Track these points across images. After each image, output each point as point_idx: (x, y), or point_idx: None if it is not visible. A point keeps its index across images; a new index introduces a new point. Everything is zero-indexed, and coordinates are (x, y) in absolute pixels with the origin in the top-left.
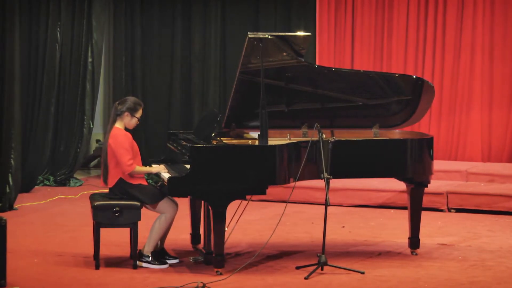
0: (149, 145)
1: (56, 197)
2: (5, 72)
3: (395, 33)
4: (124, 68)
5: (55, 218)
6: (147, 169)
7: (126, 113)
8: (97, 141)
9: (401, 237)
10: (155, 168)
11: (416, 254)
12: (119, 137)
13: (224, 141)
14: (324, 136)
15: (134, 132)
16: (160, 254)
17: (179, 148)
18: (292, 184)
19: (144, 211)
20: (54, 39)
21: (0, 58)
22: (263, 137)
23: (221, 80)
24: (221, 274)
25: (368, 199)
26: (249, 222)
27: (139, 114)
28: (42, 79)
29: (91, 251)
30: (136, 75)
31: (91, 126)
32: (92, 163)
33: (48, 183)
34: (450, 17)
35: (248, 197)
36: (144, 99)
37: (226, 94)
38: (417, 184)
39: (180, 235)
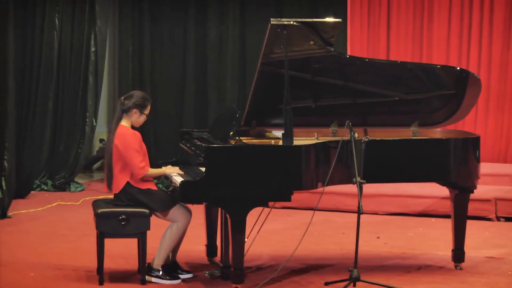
0: (158, 145)
1: (54, 204)
2: None
3: (436, 19)
4: (131, 59)
5: (53, 227)
6: (160, 170)
7: (133, 110)
8: (101, 140)
9: (444, 249)
10: (169, 169)
11: (460, 269)
12: (127, 137)
13: (243, 141)
14: (356, 135)
15: (141, 130)
16: (171, 268)
17: (193, 148)
18: (320, 189)
19: (153, 219)
20: (52, 26)
21: None
22: (288, 136)
23: (240, 73)
24: None
25: (406, 207)
26: (272, 232)
27: (147, 110)
28: (39, 71)
29: (94, 264)
30: (144, 66)
31: (94, 124)
32: (95, 166)
33: (45, 188)
34: (499, 1)
35: (270, 204)
36: (153, 94)
37: (245, 88)
38: (462, 190)
39: (194, 246)
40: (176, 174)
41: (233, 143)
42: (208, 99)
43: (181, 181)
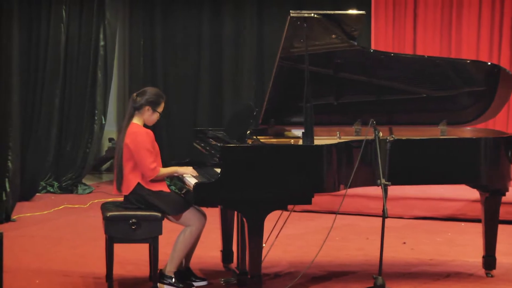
0: (171, 145)
1: (61, 207)
2: (1, 58)
3: (466, 11)
4: (142, 54)
5: (60, 231)
6: (171, 169)
7: (146, 107)
8: (110, 140)
9: (474, 256)
10: (182, 168)
11: (491, 276)
12: (139, 135)
13: (261, 140)
14: (381, 134)
15: (153, 129)
16: (185, 275)
17: (207, 148)
18: (342, 191)
19: (165, 223)
20: (59, 19)
21: None
22: (308, 135)
23: (257, 68)
24: None
25: (433, 210)
26: (291, 237)
27: (161, 108)
28: (45, 67)
29: (103, 270)
30: (156, 61)
31: (103, 122)
32: (104, 166)
33: (51, 190)
34: None
35: (290, 207)
36: (166, 91)
37: (263, 85)
38: (493, 192)
39: (209, 252)
40: (189, 175)
41: (250, 143)
42: (224, 96)
43: (195, 183)
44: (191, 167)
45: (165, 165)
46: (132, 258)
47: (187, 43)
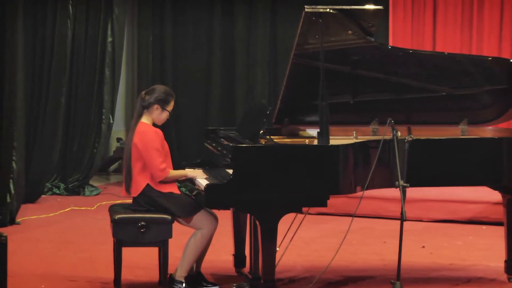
0: (181, 145)
1: (67, 209)
2: (5, 55)
3: (487, 6)
4: (151, 50)
5: (66, 235)
6: (181, 172)
7: (155, 106)
8: (118, 139)
9: (495, 260)
10: (191, 172)
11: None
12: (148, 134)
13: (275, 140)
14: (399, 134)
15: (163, 129)
16: (195, 280)
17: (219, 148)
18: (359, 193)
19: (176, 226)
20: (66, 14)
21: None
22: (324, 135)
23: (270, 65)
24: None
25: (453, 213)
26: (306, 240)
27: (170, 107)
28: (51, 64)
29: (111, 275)
30: (166, 58)
31: (111, 121)
32: (112, 167)
33: (57, 192)
34: None
35: (305, 209)
36: (176, 89)
37: (277, 83)
38: None
39: (221, 256)
40: (202, 177)
41: (263, 143)
42: (236, 95)
43: (206, 184)
44: (201, 170)
45: (175, 165)
46: (141, 262)
47: (198, 40)
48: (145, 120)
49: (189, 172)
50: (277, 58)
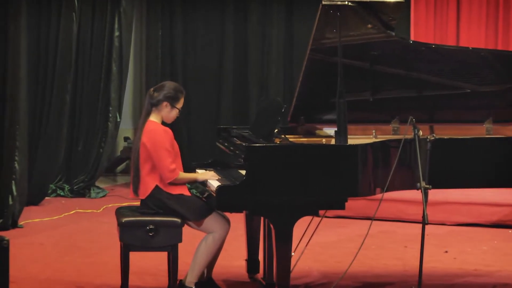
0: (192, 144)
1: (72, 212)
2: (8, 52)
3: None
4: (160, 45)
5: (71, 239)
6: (192, 175)
7: (164, 103)
8: (126, 139)
9: None
10: (203, 174)
11: None
12: (158, 134)
13: (290, 140)
14: (421, 133)
15: (172, 127)
16: (206, 286)
17: (231, 148)
18: (379, 195)
19: (186, 229)
20: (71, 8)
21: (2, 32)
22: (341, 134)
23: (286, 61)
24: None
25: (478, 216)
26: (323, 245)
27: (180, 104)
28: (55, 60)
29: (117, 281)
30: (175, 54)
31: (118, 119)
32: (119, 168)
33: (62, 194)
34: None
35: (321, 212)
36: (186, 85)
37: (292, 80)
38: None
39: (233, 261)
40: (214, 178)
41: (278, 142)
42: (249, 92)
43: (218, 186)
44: (212, 171)
45: (185, 166)
46: (149, 267)
47: (209, 35)
48: (154, 118)
49: (200, 176)
50: (293, 53)
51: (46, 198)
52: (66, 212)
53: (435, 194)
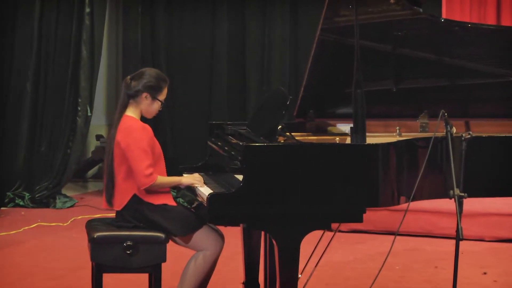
0: (178, 144)
1: (34, 225)
2: None
3: None
4: (140, 24)
5: (33, 257)
6: (174, 179)
7: (143, 94)
8: (98, 137)
9: None
10: (188, 178)
11: None
12: (134, 131)
13: (296, 138)
14: (454, 130)
15: (154, 123)
16: None
17: (226, 148)
18: (404, 205)
19: (171, 246)
20: None
21: None
22: (359, 131)
23: (291, 44)
24: None
25: None
26: (336, 265)
27: (163, 95)
28: (13, 41)
29: None
30: (158, 36)
31: (89, 113)
32: (91, 172)
33: (21, 203)
34: None
35: (334, 226)
36: (170, 72)
37: (298, 65)
38: None
39: (228, 284)
40: (202, 185)
41: (282, 141)
42: (247, 81)
43: (210, 194)
44: (197, 174)
45: (170, 171)
46: None
47: (198, 11)
48: (131, 112)
49: (185, 179)
50: (298, 35)
51: (2, 208)
52: (27, 226)
53: (472, 204)
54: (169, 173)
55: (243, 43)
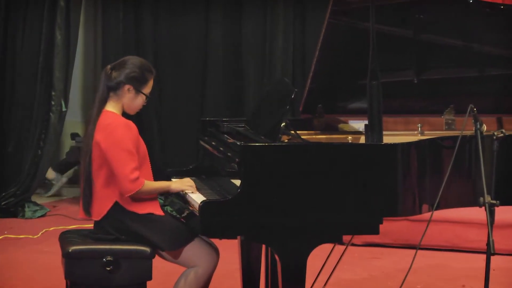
0: (166, 144)
1: (0, 237)
2: None
3: None
4: (122, 7)
5: None
6: (163, 184)
7: (126, 87)
8: (74, 136)
9: None
10: (178, 182)
11: None
12: (116, 129)
13: (303, 137)
14: (484, 128)
15: (138, 120)
16: None
17: (221, 149)
18: (427, 215)
19: (158, 262)
20: None
21: None
22: (375, 129)
23: (296, 28)
24: None
25: None
26: (348, 283)
27: (148, 88)
28: None
29: None
30: (143, 18)
31: (64, 109)
32: (65, 176)
33: None
34: None
35: (346, 238)
36: (157, 62)
37: (305, 53)
38: None
39: None
40: (194, 191)
41: (286, 141)
42: (245, 72)
43: (202, 202)
44: (188, 178)
45: (156, 175)
46: None
47: None
48: (112, 107)
49: (175, 184)
50: (306, 18)
51: None
52: None
53: (505, 213)
54: (155, 178)
55: (240, 27)
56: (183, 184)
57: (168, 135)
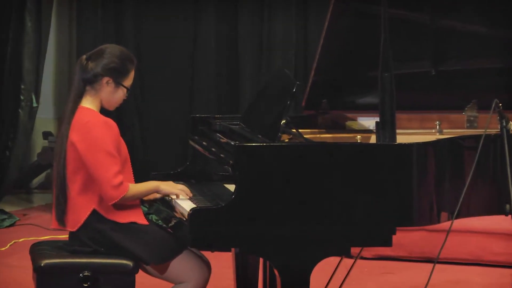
0: (150, 144)
1: None
2: None
3: None
4: None
5: None
6: (150, 186)
7: (104, 79)
8: (46, 135)
9: None
10: (167, 185)
11: None
12: (95, 128)
13: (305, 136)
14: (511, 125)
15: (118, 117)
16: None
17: (213, 149)
18: (446, 224)
19: (142, 277)
20: None
21: None
22: (387, 127)
23: (298, 15)
24: None
25: None
26: None
27: (129, 80)
28: None
29: None
30: (124, 3)
31: (34, 104)
32: (36, 181)
33: None
34: None
35: (355, 251)
36: (140, 52)
37: (308, 43)
38: None
39: None
40: (183, 196)
41: (287, 140)
42: (240, 64)
43: (192, 209)
44: (181, 183)
45: (139, 178)
46: None
47: None
48: (88, 103)
49: (165, 185)
50: (308, 2)
51: None
52: None
53: None
54: (138, 181)
55: (236, 12)
56: (175, 187)
57: (151, 134)
